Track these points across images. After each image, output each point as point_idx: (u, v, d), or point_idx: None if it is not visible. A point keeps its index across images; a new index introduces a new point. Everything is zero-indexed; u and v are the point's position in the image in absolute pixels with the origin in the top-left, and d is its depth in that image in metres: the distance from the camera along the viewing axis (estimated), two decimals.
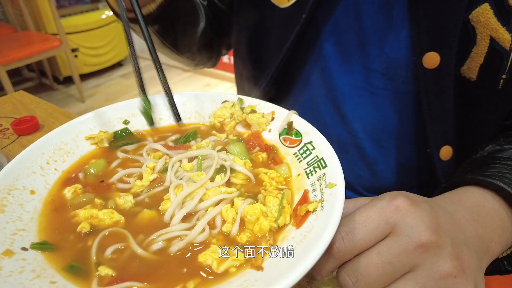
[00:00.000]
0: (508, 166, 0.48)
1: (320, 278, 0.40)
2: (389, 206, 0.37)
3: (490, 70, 0.55)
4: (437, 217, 0.38)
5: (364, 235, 0.36)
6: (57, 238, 0.41)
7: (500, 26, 0.51)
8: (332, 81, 0.69)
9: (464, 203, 0.44)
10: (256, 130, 0.59)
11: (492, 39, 0.52)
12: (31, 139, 0.81)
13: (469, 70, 0.56)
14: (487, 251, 0.41)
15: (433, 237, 0.35)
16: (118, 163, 0.53)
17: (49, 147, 0.52)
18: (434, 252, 0.35)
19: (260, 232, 0.41)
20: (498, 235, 0.42)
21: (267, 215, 0.42)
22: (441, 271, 0.34)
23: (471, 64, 0.56)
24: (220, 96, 0.63)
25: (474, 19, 0.53)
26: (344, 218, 0.38)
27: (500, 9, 0.50)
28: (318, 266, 0.38)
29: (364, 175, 0.74)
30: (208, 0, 0.82)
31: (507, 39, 0.51)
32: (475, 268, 0.37)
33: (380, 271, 0.35)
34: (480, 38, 0.54)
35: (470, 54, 0.55)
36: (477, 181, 0.47)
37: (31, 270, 0.36)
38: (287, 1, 0.67)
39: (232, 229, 0.42)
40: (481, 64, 0.55)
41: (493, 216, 0.43)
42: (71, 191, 0.47)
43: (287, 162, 0.53)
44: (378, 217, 0.37)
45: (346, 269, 0.37)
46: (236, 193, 0.46)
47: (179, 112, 0.55)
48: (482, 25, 0.53)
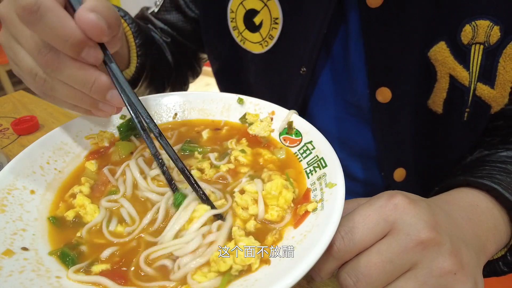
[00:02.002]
0: (497, 167, 0.49)
1: (320, 280, 0.40)
2: (387, 204, 0.38)
3: (454, 104, 0.56)
4: (435, 215, 0.38)
5: (364, 234, 0.36)
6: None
7: (457, 65, 0.52)
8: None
9: (459, 203, 0.44)
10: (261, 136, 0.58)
11: (452, 77, 0.53)
12: (31, 139, 0.81)
13: (434, 104, 0.58)
14: (483, 249, 0.41)
15: (432, 234, 0.35)
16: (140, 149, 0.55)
17: (49, 147, 0.52)
18: (433, 249, 0.35)
19: (286, 203, 0.44)
20: (493, 234, 0.43)
21: (288, 187, 0.45)
22: (441, 268, 0.35)
23: (435, 98, 0.57)
24: (220, 96, 0.64)
25: (433, 57, 0.54)
26: (343, 217, 0.38)
27: (455, 47, 0.52)
28: (318, 267, 0.39)
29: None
30: (171, 37, 0.83)
31: (465, 77, 0.52)
32: (474, 265, 0.37)
33: (381, 270, 0.35)
34: (440, 76, 0.55)
35: (433, 89, 0.57)
36: (468, 182, 0.47)
37: (32, 270, 0.36)
38: (262, 47, 0.70)
39: (258, 209, 0.43)
40: (444, 99, 0.56)
41: (487, 215, 0.43)
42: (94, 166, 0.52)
43: (285, 145, 0.55)
44: (377, 215, 0.37)
45: (346, 269, 0.37)
46: (227, 206, 0.44)
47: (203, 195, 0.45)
48: (440, 63, 0.53)
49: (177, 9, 0.80)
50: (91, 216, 0.44)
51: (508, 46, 0.49)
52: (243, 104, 0.62)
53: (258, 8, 0.67)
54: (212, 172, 0.51)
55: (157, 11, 0.81)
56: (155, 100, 0.63)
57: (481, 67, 0.51)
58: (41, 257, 0.39)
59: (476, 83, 0.53)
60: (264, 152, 0.54)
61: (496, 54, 0.50)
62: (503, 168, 0.49)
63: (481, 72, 0.52)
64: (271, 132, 0.58)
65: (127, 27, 0.64)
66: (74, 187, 0.48)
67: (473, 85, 0.53)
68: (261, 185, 0.46)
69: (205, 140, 0.59)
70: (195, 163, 0.52)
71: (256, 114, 0.60)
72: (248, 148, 0.55)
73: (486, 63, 0.51)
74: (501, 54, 0.50)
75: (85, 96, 0.43)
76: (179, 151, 0.55)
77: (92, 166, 0.52)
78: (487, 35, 0.49)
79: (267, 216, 0.43)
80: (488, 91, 0.52)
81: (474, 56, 0.51)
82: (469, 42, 0.51)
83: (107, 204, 0.45)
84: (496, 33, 0.49)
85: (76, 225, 0.43)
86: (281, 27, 0.66)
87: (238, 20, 0.71)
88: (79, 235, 0.42)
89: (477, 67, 0.52)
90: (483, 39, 0.50)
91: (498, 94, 0.52)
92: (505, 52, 0.49)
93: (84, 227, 0.43)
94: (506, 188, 0.44)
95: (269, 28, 0.68)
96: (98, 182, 0.49)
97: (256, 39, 0.70)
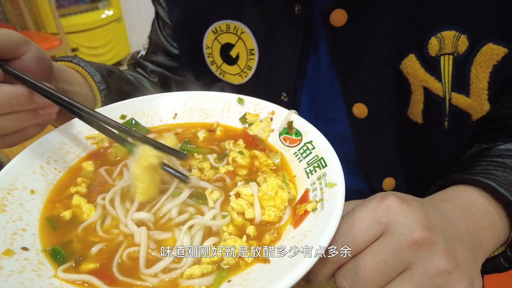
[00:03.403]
0: (494, 162, 0.48)
1: (318, 283, 0.40)
2: (380, 206, 0.38)
3: (432, 114, 0.55)
4: (429, 214, 0.38)
5: (357, 237, 0.37)
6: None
7: (428, 76, 0.52)
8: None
9: (454, 201, 0.44)
10: (260, 137, 0.58)
11: (426, 88, 0.53)
12: (31, 139, 0.80)
13: (413, 115, 0.57)
14: (480, 247, 0.41)
15: (425, 234, 0.35)
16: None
17: (49, 146, 0.52)
18: (427, 249, 0.35)
19: (282, 203, 0.44)
20: (490, 231, 0.43)
21: (283, 187, 0.46)
22: (435, 267, 0.35)
23: (413, 109, 0.57)
24: (220, 96, 0.63)
25: (404, 70, 0.53)
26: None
27: (424, 59, 0.51)
28: (315, 271, 0.39)
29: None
30: (161, 75, 0.85)
31: (439, 88, 0.52)
32: (469, 263, 0.37)
33: (376, 271, 0.35)
34: (414, 88, 0.54)
35: (410, 101, 0.56)
36: (464, 179, 0.47)
37: (31, 270, 0.36)
38: (242, 78, 0.71)
39: (255, 212, 0.43)
40: (422, 109, 0.56)
41: (483, 212, 0.43)
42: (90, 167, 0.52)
43: (280, 150, 0.55)
44: (370, 218, 0.37)
45: (342, 272, 0.37)
46: (225, 220, 0.44)
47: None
48: (412, 76, 0.53)
49: (162, 49, 0.82)
50: (87, 216, 0.44)
51: (478, 54, 0.48)
52: (243, 104, 0.62)
53: (233, 41, 0.69)
54: (211, 173, 0.51)
55: (145, 54, 0.84)
56: (155, 100, 0.63)
57: (453, 77, 0.51)
58: (41, 257, 0.39)
59: (451, 93, 0.52)
60: (260, 155, 0.54)
61: (467, 63, 0.49)
62: (499, 162, 0.48)
63: (454, 82, 0.51)
64: (270, 132, 0.58)
65: (82, 70, 0.67)
66: (70, 188, 0.48)
67: (448, 95, 0.52)
68: (256, 187, 0.46)
69: (202, 140, 0.59)
70: (196, 163, 0.52)
71: (256, 114, 0.60)
72: (246, 150, 0.55)
73: (457, 73, 0.50)
74: (472, 63, 0.49)
75: (22, 113, 0.45)
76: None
77: (89, 167, 0.52)
78: (455, 45, 0.48)
79: (264, 217, 0.43)
80: (463, 99, 0.52)
81: (445, 67, 0.51)
82: (437, 54, 0.50)
83: (103, 202, 0.45)
84: (463, 42, 0.48)
85: (73, 224, 0.43)
86: (258, 57, 0.67)
87: (214, 54, 0.72)
88: (75, 234, 0.42)
89: (449, 78, 0.51)
90: (451, 50, 0.49)
91: (474, 102, 0.52)
92: (475, 61, 0.48)
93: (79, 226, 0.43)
94: (501, 184, 0.44)
95: (246, 60, 0.69)
96: (95, 183, 0.49)
97: (235, 71, 0.72)
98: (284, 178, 0.48)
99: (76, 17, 3.46)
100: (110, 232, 0.42)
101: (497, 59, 0.47)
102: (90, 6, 3.61)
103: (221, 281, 0.36)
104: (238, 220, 0.43)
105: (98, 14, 3.58)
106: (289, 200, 0.45)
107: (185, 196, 0.45)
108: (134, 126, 0.60)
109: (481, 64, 0.48)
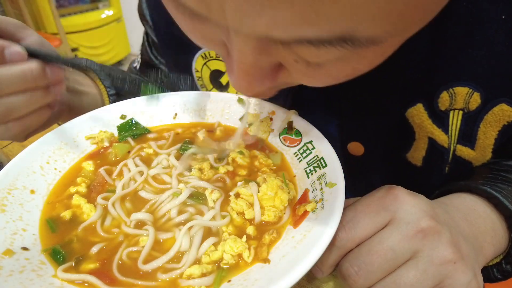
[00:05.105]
0: (500, 176, 0.48)
1: (321, 275, 0.40)
2: (388, 194, 0.39)
3: (433, 161, 0.54)
4: (434, 208, 0.39)
5: (365, 223, 0.37)
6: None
7: (435, 128, 0.50)
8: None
9: (457, 205, 0.44)
10: (259, 137, 0.58)
11: (431, 138, 0.52)
12: (31, 139, 0.80)
13: (413, 159, 0.56)
14: (481, 250, 0.42)
15: (432, 223, 0.36)
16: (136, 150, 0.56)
17: (49, 146, 0.52)
18: (433, 238, 0.36)
19: (282, 204, 0.44)
20: (491, 236, 0.43)
21: (283, 188, 0.46)
22: (441, 257, 0.35)
23: (414, 154, 0.55)
24: (220, 96, 0.63)
25: (410, 118, 0.52)
26: (345, 208, 0.38)
27: (432, 112, 0.49)
28: (320, 260, 0.38)
29: None
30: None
31: (444, 140, 0.51)
32: (472, 259, 0.37)
33: (382, 258, 0.35)
34: (418, 137, 0.53)
35: (411, 146, 0.55)
36: (469, 188, 0.47)
37: (32, 270, 0.36)
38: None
39: (254, 212, 0.43)
40: (423, 156, 0.54)
41: (485, 218, 0.44)
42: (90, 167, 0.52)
43: (280, 150, 0.55)
44: (378, 205, 0.38)
45: (348, 259, 0.37)
46: (224, 220, 0.44)
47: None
48: (418, 125, 0.51)
49: (152, 67, 0.81)
50: (87, 216, 0.44)
51: (489, 113, 0.46)
52: (243, 104, 0.62)
53: (222, 69, 0.67)
54: (211, 173, 0.51)
55: (139, 68, 0.84)
56: (155, 100, 0.63)
57: (460, 131, 0.49)
58: (42, 257, 0.39)
59: (456, 145, 0.51)
60: (260, 155, 0.54)
61: (476, 119, 0.47)
62: (505, 177, 0.48)
63: (460, 136, 0.50)
64: (270, 132, 0.58)
65: (92, 73, 0.67)
66: (70, 188, 0.48)
67: (453, 146, 0.51)
68: (256, 187, 0.46)
69: (202, 140, 0.59)
70: (196, 163, 0.52)
71: (256, 114, 0.60)
72: (246, 150, 0.55)
73: (465, 127, 0.49)
74: (482, 120, 0.47)
75: (35, 91, 0.46)
76: (179, 151, 0.55)
77: (89, 167, 0.52)
78: (466, 102, 0.46)
79: (264, 217, 0.43)
80: (468, 152, 0.51)
81: (453, 121, 0.49)
82: (447, 109, 0.48)
83: (103, 202, 0.45)
84: (476, 100, 0.46)
85: (73, 224, 0.43)
86: None
87: (204, 79, 0.71)
88: (75, 234, 0.42)
89: (456, 131, 0.50)
90: (462, 106, 0.47)
91: (478, 154, 0.51)
92: (485, 119, 0.47)
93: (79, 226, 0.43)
94: (506, 197, 0.44)
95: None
96: (94, 183, 0.49)
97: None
98: (284, 178, 0.48)
99: (76, 17, 3.46)
100: (110, 232, 0.42)
101: (508, 120, 0.46)
102: (90, 6, 3.61)
103: (221, 281, 0.36)
104: (237, 220, 0.43)
105: (98, 14, 3.58)
106: (289, 200, 0.45)
107: (185, 196, 0.45)
108: (134, 126, 0.60)
109: (490, 123, 0.47)
